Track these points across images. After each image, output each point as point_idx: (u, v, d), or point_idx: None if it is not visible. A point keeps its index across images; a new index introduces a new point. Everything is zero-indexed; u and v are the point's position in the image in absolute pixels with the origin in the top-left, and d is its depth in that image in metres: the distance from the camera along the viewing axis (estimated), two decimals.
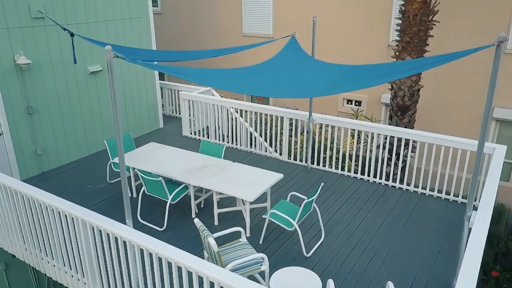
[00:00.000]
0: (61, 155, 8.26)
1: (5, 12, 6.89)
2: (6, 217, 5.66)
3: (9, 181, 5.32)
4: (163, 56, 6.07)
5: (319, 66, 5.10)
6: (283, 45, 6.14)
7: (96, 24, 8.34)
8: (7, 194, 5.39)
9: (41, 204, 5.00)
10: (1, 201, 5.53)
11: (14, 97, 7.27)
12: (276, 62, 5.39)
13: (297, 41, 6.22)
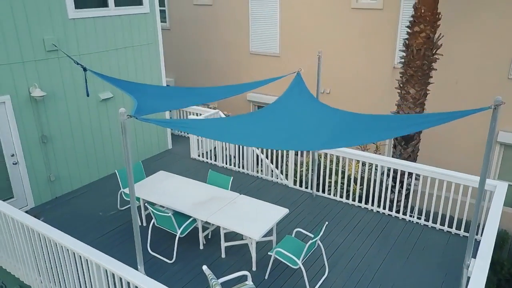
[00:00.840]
0: (73, 180, 8.51)
1: (21, 47, 7.15)
2: (22, 251, 5.90)
3: (26, 219, 5.56)
4: (173, 93, 6.26)
5: (322, 111, 5.28)
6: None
7: (107, 53, 8.58)
8: (23, 230, 5.62)
9: (56, 244, 5.22)
10: (18, 236, 5.76)
11: (29, 128, 7.53)
12: (281, 106, 5.56)
13: (302, 79, 6.40)
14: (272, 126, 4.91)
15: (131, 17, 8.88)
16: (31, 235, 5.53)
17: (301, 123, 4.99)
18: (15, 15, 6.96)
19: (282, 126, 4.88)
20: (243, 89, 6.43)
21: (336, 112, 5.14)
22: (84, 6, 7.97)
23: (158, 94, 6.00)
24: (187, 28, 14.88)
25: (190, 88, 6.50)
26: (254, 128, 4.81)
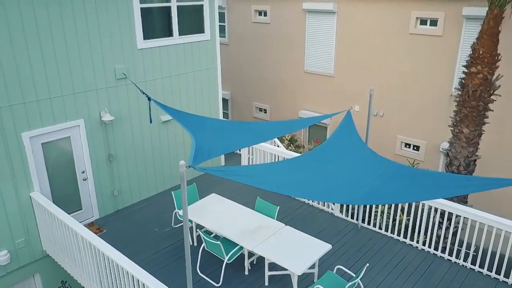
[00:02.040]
0: (133, 194, 9.26)
1: (95, 76, 7.94)
2: (88, 265, 6.60)
3: (93, 238, 6.24)
4: (230, 129, 6.64)
5: (369, 159, 5.45)
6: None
7: (170, 78, 9.23)
8: (90, 248, 6.30)
9: (115, 263, 5.82)
10: (86, 252, 6.47)
11: (98, 148, 8.33)
12: (329, 149, 5.80)
13: (352, 119, 6.58)
14: (318, 173, 5.17)
15: (193, 44, 9.48)
16: (96, 252, 6.19)
17: (346, 172, 5.21)
18: (92, 48, 7.75)
19: (327, 175, 5.12)
20: (298, 126, 6.74)
21: (383, 162, 5.30)
22: (151, 37, 8.65)
23: (215, 130, 6.45)
24: (245, 44, 15.39)
25: (247, 123, 6.85)
26: (301, 175, 5.09)
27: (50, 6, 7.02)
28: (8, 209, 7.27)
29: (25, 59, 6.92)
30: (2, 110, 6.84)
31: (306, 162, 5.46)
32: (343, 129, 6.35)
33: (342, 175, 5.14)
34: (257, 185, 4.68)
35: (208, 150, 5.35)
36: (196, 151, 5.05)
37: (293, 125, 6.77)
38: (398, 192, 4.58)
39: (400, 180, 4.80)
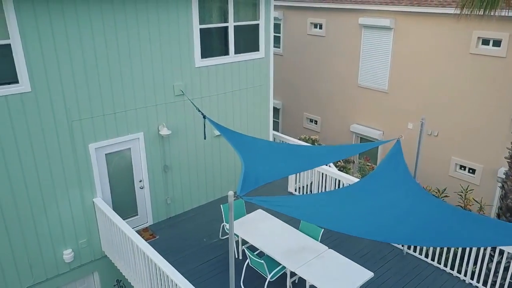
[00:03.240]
0: (185, 202, 9.78)
1: (155, 93, 8.49)
2: (140, 269, 7.12)
3: (144, 246, 6.73)
4: (280, 151, 6.85)
5: (415, 195, 5.46)
6: None
7: (224, 95, 9.63)
8: (141, 255, 6.81)
9: (164, 273, 6.26)
10: (138, 258, 6.99)
11: (155, 159, 8.90)
12: (375, 181, 5.85)
13: (401, 149, 6.57)
14: (362, 207, 5.27)
15: (248, 62, 9.81)
16: (146, 259, 6.68)
17: (390, 208, 5.25)
18: (154, 67, 8.30)
19: (371, 210, 5.20)
20: (348, 152, 6.82)
21: (430, 200, 5.29)
22: (208, 55, 9.09)
23: (265, 153, 6.69)
24: (299, 55, 15.55)
25: (296, 147, 7.03)
26: (345, 208, 5.21)
27: (118, 31, 7.63)
28: (74, 212, 8.00)
29: (95, 78, 7.58)
30: (74, 123, 7.55)
31: (351, 194, 5.57)
32: (391, 159, 6.36)
33: (386, 211, 5.20)
34: (301, 217, 4.87)
35: (256, 177, 5.61)
36: (245, 178, 5.34)
37: (343, 151, 6.84)
38: (443, 235, 4.57)
39: (446, 222, 4.78)
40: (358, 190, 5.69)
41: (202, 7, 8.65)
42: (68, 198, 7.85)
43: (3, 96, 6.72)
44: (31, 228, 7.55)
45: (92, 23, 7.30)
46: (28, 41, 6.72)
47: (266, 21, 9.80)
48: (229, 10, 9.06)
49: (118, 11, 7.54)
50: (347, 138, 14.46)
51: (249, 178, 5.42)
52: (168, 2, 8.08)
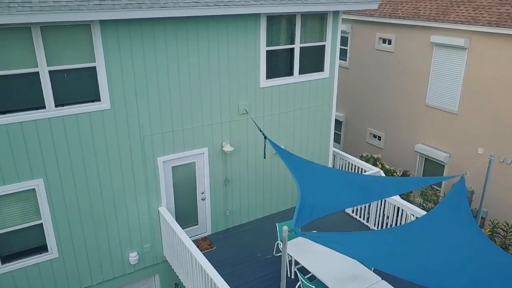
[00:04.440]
0: (243, 215, 10.13)
1: (221, 111, 8.90)
2: (196, 278, 7.55)
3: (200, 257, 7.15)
4: (339, 180, 6.90)
5: (475, 241, 5.29)
6: None
7: (286, 113, 9.84)
8: (197, 265, 7.23)
9: None
10: (194, 267, 7.43)
11: (217, 173, 9.33)
12: (434, 220, 5.74)
13: (464, 187, 6.36)
14: (419, 249, 5.21)
15: (311, 82, 9.93)
16: (203, 271, 7.08)
17: (448, 253, 5.15)
18: (221, 88, 8.71)
19: (428, 254, 5.13)
20: (412, 185, 6.73)
21: (491, 249, 5.11)
22: (273, 76, 9.34)
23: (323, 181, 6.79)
24: (365, 69, 15.33)
25: (356, 176, 7.05)
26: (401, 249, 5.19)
27: (190, 53, 8.12)
28: (141, 219, 8.65)
29: (166, 97, 8.14)
30: (145, 138, 8.17)
31: (408, 234, 5.52)
32: (453, 198, 6.18)
33: (444, 256, 5.10)
34: (355, 257, 4.94)
35: (312, 208, 5.74)
36: (300, 210, 5.51)
37: (404, 185, 6.74)
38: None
39: (508, 274, 4.61)
40: (416, 229, 5.62)
41: (269, 30, 8.92)
42: (137, 205, 8.51)
43: (87, 113, 7.46)
44: (103, 230, 8.29)
45: (167, 46, 7.84)
46: (110, 63, 7.40)
47: (333, 42, 9.84)
48: (296, 32, 9.23)
49: (191, 34, 8.02)
50: (411, 158, 14.03)
51: (305, 210, 5.58)
52: (238, 27, 8.44)
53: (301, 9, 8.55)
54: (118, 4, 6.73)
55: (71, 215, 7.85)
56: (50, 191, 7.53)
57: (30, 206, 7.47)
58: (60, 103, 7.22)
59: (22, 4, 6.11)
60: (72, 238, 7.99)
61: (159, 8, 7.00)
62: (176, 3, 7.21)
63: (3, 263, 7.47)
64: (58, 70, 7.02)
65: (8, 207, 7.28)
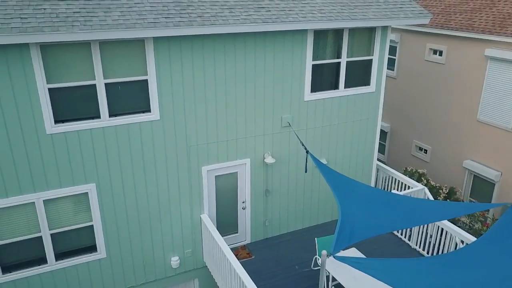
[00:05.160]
0: (282, 226, 10.23)
1: (264, 124, 9.05)
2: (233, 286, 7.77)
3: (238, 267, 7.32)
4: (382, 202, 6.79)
5: None
6: None
7: (329, 127, 9.82)
8: (234, 274, 7.40)
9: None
10: (232, 276, 7.62)
11: (258, 183, 9.49)
12: (481, 250, 5.56)
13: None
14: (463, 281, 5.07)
15: (357, 96, 9.84)
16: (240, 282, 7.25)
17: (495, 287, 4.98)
18: (266, 100, 8.85)
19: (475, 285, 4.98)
20: (461, 211, 6.54)
21: None
22: (318, 90, 9.36)
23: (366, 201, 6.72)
24: (413, 80, 14.93)
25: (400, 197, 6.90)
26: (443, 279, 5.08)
27: (237, 68, 8.32)
28: (184, 225, 8.96)
29: (213, 109, 8.38)
30: (191, 148, 8.46)
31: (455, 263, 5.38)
32: (501, 227, 5.95)
33: None
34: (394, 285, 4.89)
35: (352, 230, 5.72)
36: (340, 233, 5.51)
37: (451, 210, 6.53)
38: None
39: None
40: (460, 258, 5.46)
41: (316, 44, 8.94)
42: (180, 212, 8.83)
43: (138, 123, 7.84)
44: (148, 234, 8.67)
45: (215, 60, 8.08)
46: (161, 76, 7.73)
47: (380, 56, 9.71)
48: (343, 46, 9.20)
49: (239, 49, 8.21)
50: (459, 174, 13.52)
51: (344, 233, 5.57)
52: (285, 41, 8.54)
53: (349, 25, 8.52)
54: (171, 22, 7.03)
55: (119, 218, 8.28)
56: (101, 195, 7.98)
57: (82, 208, 7.96)
58: (114, 113, 7.64)
59: (84, 22, 6.54)
60: (119, 240, 8.43)
61: (210, 26, 7.23)
62: (226, 20, 7.41)
63: (57, 260, 8.01)
64: (113, 82, 7.43)
65: (63, 209, 7.79)
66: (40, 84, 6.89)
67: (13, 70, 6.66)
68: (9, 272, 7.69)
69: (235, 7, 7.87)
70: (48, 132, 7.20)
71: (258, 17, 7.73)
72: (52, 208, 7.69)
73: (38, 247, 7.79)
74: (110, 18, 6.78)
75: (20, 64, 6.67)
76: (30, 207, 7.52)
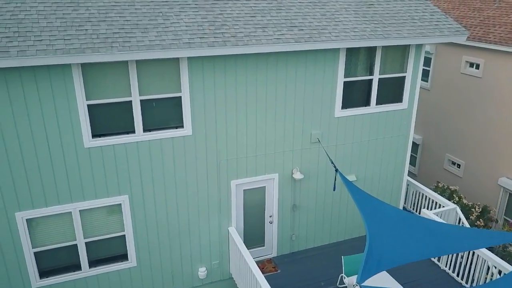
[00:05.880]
0: (309, 240, 10.24)
1: (293, 139, 9.09)
2: None
3: (263, 281, 7.39)
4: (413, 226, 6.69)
5: None
6: None
7: (360, 143, 9.75)
8: None
9: None
10: None
11: (286, 198, 9.54)
12: None
13: None
14: None
15: (389, 113, 9.73)
16: None
17: None
18: (295, 116, 8.89)
19: None
20: (498, 240, 6.40)
21: None
22: (349, 106, 9.31)
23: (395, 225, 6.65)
24: (447, 92, 14.58)
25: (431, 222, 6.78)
26: None
27: (269, 84, 8.41)
28: (212, 237, 9.13)
29: (243, 125, 8.50)
30: (221, 163, 8.61)
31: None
32: None
33: None
34: None
35: (380, 257, 5.70)
36: (367, 261, 5.51)
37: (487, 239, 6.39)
38: None
39: None
40: None
41: (348, 61, 8.91)
42: (209, 224, 9.00)
43: (170, 138, 8.05)
44: (177, 244, 8.89)
45: (247, 78, 8.19)
46: (194, 94, 7.91)
47: (414, 73, 9.56)
48: (376, 63, 9.11)
49: (271, 67, 8.29)
50: (493, 192, 13.11)
51: (372, 261, 5.56)
52: (316, 59, 8.55)
53: (382, 43, 8.45)
54: (205, 43, 7.18)
55: (149, 229, 8.53)
56: (133, 206, 8.25)
57: (115, 218, 8.25)
58: (148, 128, 7.87)
59: (123, 43, 6.79)
60: (149, 249, 8.67)
61: (243, 46, 7.34)
62: (259, 40, 7.51)
63: (90, 267, 8.33)
64: (148, 99, 7.66)
65: (98, 219, 8.10)
66: (80, 101, 7.20)
67: (55, 87, 6.98)
68: (46, 277, 8.07)
69: (268, 26, 7.95)
70: (86, 146, 7.51)
71: (291, 37, 7.79)
72: (87, 218, 8.01)
73: (73, 254, 8.13)
74: (147, 39, 7.00)
75: (62, 82, 6.99)
76: (67, 216, 7.85)
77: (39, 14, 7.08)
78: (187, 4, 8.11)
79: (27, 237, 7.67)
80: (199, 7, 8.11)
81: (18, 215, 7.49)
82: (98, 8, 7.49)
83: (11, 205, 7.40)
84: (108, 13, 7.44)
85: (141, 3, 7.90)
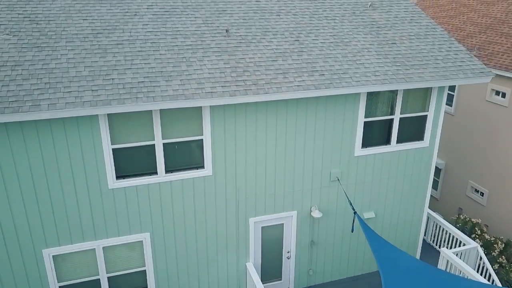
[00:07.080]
0: (326, 275, 10.27)
1: (313, 178, 9.14)
2: None
3: None
4: (426, 277, 6.72)
5: None
6: None
7: (379, 181, 9.72)
8: None
9: None
10: None
11: (304, 235, 9.60)
12: None
13: None
14: None
15: (409, 151, 9.66)
16: None
17: None
18: (315, 155, 8.94)
19: None
20: None
21: None
22: (369, 145, 9.30)
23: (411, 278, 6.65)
24: (472, 119, 14.34)
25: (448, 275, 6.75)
26: None
27: (288, 126, 8.49)
28: (229, 272, 9.28)
29: (262, 165, 8.61)
30: (240, 202, 8.75)
31: None
32: None
33: None
34: None
35: None
36: None
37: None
38: None
39: None
40: None
41: (369, 102, 8.90)
42: (227, 260, 9.15)
43: (191, 178, 8.23)
44: (195, 279, 9.07)
45: (267, 121, 8.29)
46: (215, 137, 8.07)
47: (436, 112, 9.47)
48: (397, 103, 9.07)
49: (291, 110, 8.37)
50: None
51: None
52: (337, 102, 8.58)
53: (403, 87, 8.41)
54: (227, 92, 7.33)
55: (169, 265, 8.74)
56: (154, 243, 8.47)
57: (137, 254, 8.49)
58: (169, 169, 8.08)
59: (147, 94, 7.00)
60: (169, 283, 8.88)
61: (264, 94, 7.46)
62: (279, 88, 7.60)
63: None
64: (171, 142, 7.86)
65: (120, 255, 8.36)
66: (105, 145, 7.45)
67: (82, 133, 7.26)
68: None
69: (289, 71, 8.04)
70: (110, 187, 7.76)
71: (311, 83, 7.85)
72: (110, 254, 8.28)
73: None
74: (171, 88, 7.20)
75: (89, 129, 7.26)
76: (90, 253, 8.14)
77: (68, 62, 7.38)
78: (210, 48, 8.28)
79: (53, 272, 7.99)
80: (221, 51, 8.27)
81: (45, 251, 7.81)
82: (124, 55, 7.74)
83: (38, 242, 7.73)
84: (133, 60, 7.68)
85: (166, 47, 8.11)
